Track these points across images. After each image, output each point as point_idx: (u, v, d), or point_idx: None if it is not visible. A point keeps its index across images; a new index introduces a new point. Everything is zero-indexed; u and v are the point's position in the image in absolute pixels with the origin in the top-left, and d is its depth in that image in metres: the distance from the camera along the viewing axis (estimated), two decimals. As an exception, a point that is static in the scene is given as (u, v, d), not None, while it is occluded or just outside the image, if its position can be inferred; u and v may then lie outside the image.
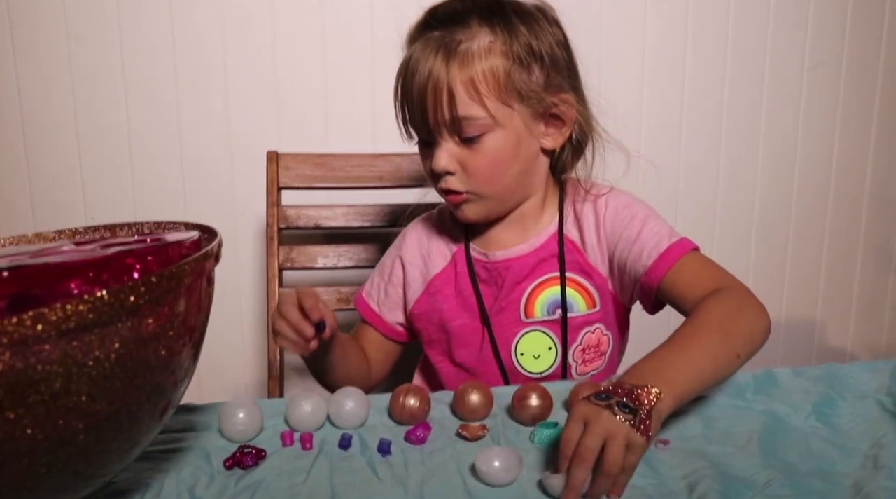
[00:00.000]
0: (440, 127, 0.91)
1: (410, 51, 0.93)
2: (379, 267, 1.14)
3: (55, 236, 0.75)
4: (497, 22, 0.91)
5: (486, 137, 0.91)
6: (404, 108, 0.94)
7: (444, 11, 0.93)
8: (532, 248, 1.01)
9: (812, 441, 0.73)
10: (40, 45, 1.46)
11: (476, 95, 0.89)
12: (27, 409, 0.47)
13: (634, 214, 0.99)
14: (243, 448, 0.72)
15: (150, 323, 0.52)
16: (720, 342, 0.78)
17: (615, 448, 0.62)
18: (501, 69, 0.90)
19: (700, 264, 0.94)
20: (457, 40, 0.90)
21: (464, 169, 0.93)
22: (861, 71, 1.81)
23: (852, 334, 1.98)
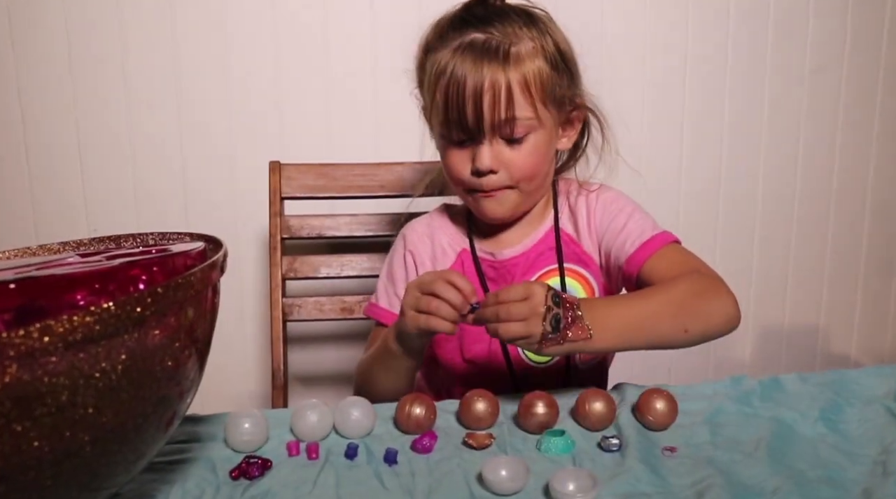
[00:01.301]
0: (490, 128, 0.93)
1: (452, 55, 0.93)
2: (387, 272, 1.12)
3: (59, 248, 0.75)
4: (531, 25, 0.95)
5: (530, 137, 0.95)
6: (447, 110, 0.94)
7: (482, 12, 0.95)
8: (533, 242, 1.05)
9: (820, 448, 0.73)
10: (42, 54, 1.46)
11: (528, 96, 0.93)
12: (34, 421, 0.47)
13: (622, 207, 1.05)
14: (249, 459, 0.72)
15: (156, 334, 0.52)
16: (672, 313, 0.86)
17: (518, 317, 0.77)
18: (545, 72, 0.94)
19: (679, 254, 1.00)
20: (507, 42, 0.92)
21: (506, 167, 0.95)
22: (862, 76, 1.81)
23: (856, 341, 1.97)
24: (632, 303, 0.89)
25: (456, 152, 0.97)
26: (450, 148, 0.98)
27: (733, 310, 0.92)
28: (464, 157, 0.96)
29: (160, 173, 1.53)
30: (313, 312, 1.33)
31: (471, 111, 0.92)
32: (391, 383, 0.98)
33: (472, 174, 0.96)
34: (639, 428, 0.78)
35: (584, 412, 0.79)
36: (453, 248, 1.08)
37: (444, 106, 0.94)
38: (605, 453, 0.74)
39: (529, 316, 0.78)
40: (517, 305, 0.78)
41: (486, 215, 1.01)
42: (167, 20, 1.47)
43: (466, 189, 0.99)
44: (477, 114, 0.92)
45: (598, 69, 1.63)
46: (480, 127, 0.93)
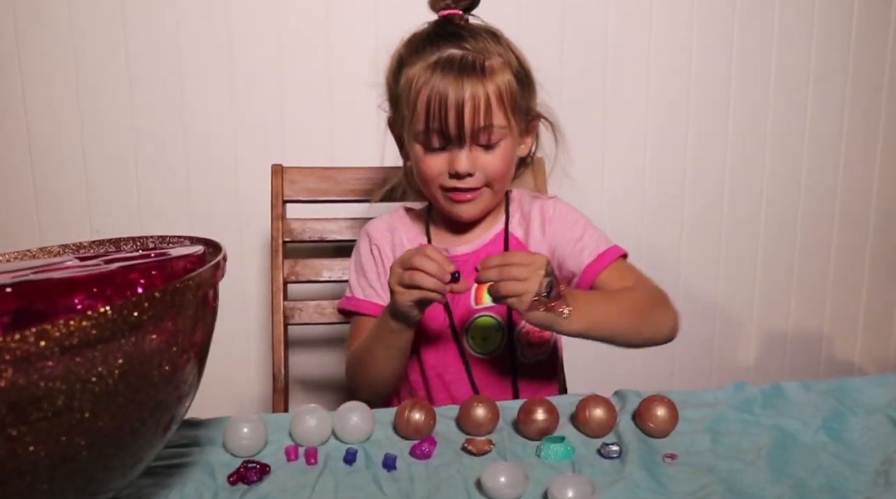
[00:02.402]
0: (469, 135, 1.00)
1: (430, 69, 0.99)
2: (356, 267, 1.18)
3: (59, 251, 0.75)
4: (497, 42, 1.03)
5: (502, 143, 1.03)
6: (429, 119, 1.00)
7: (452, 29, 1.02)
8: (483, 243, 1.13)
9: (822, 457, 0.73)
10: (46, 57, 1.46)
11: (502, 106, 1.01)
12: (29, 426, 0.46)
13: (577, 219, 1.13)
14: (247, 463, 0.71)
15: (153, 339, 0.52)
16: (632, 317, 1.01)
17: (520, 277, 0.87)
18: (513, 84, 1.02)
19: (629, 268, 1.10)
20: (481, 57, 1.00)
21: (482, 170, 1.03)
22: (866, 83, 1.80)
23: (860, 348, 1.97)
24: (604, 300, 1.01)
25: (433, 158, 1.04)
26: (428, 154, 1.04)
27: (676, 324, 1.06)
28: (441, 161, 1.03)
29: (163, 176, 1.53)
30: (314, 315, 1.33)
31: (453, 120, 0.99)
32: (391, 360, 1.04)
33: (450, 177, 1.03)
34: (639, 435, 0.78)
35: (584, 419, 0.78)
36: (412, 243, 1.14)
37: (426, 115, 1.00)
38: (604, 460, 0.73)
39: (529, 276, 0.87)
40: (519, 267, 0.88)
41: (460, 216, 1.09)
42: (171, 25, 1.48)
43: (443, 190, 1.06)
44: (458, 123, 0.99)
45: (601, 78, 1.65)
46: (461, 134, 1.00)
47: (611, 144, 1.70)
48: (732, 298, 1.85)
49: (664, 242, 1.78)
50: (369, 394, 1.07)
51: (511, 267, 0.88)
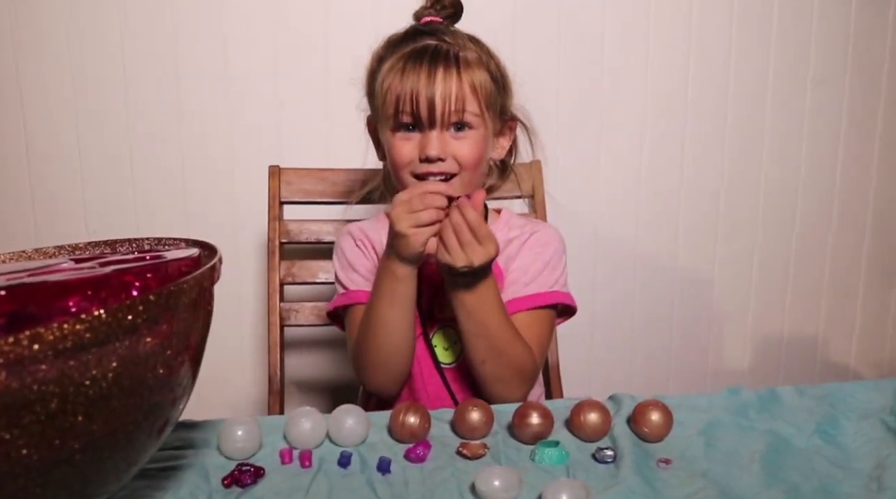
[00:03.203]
0: (442, 116, 1.00)
1: (404, 57, 1.01)
2: (342, 264, 1.16)
3: (55, 252, 0.75)
4: (477, 44, 1.05)
5: (473, 132, 1.03)
6: (400, 102, 1.00)
7: (431, 27, 1.04)
8: None
9: (815, 461, 0.73)
10: (43, 59, 1.46)
11: (475, 95, 1.02)
12: (23, 429, 0.46)
13: (544, 251, 1.11)
14: (242, 466, 0.71)
15: (148, 342, 0.52)
16: (496, 348, 0.99)
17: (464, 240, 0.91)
18: (487, 80, 1.03)
19: (542, 325, 1.09)
20: (456, 48, 1.02)
21: (453, 155, 1.02)
22: (864, 88, 1.81)
23: (855, 351, 1.97)
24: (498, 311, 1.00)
25: (404, 142, 1.04)
26: (399, 139, 1.04)
27: (511, 398, 1.00)
28: (411, 145, 1.03)
29: (159, 176, 1.53)
30: (311, 317, 1.33)
31: (424, 105, 0.99)
32: (402, 318, 1.02)
33: (421, 161, 1.02)
34: (634, 439, 0.78)
35: (579, 423, 0.78)
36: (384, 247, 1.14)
37: (397, 98, 1.00)
38: (599, 465, 0.73)
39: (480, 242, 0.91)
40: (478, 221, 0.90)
41: None
42: (168, 26, 1.48)
43: (415, 176, 1.04)
44: (430, 107, 0.99)
45: (598, 79, 1.65)
46: (432, 118, 1.00)
47: (607, 147, 1.71)
48: (728, 301, 1.86)
49: (660, 246, 1.78)
50: (384, 374, 1.05)
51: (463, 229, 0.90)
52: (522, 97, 1.12)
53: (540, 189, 1.35)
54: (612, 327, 1.80)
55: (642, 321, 1.82)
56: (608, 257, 1.75)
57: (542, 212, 1.35)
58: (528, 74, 1.11)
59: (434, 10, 1.05)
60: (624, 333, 1.82)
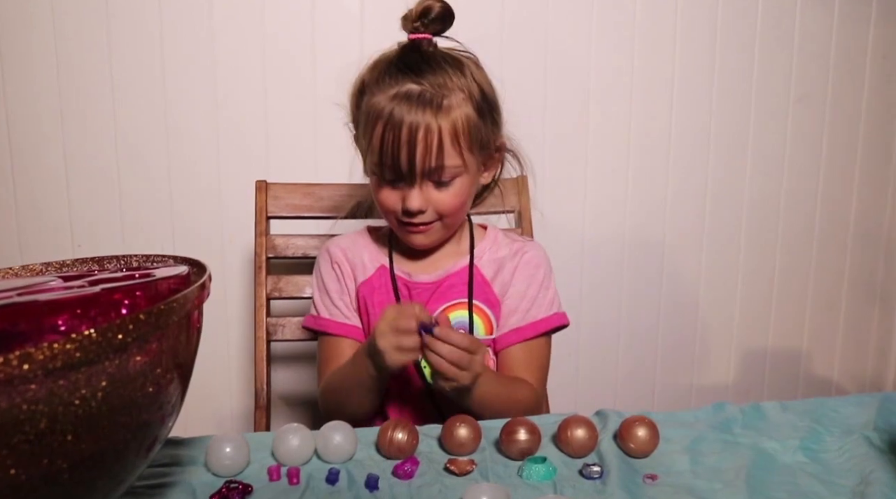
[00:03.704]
0: (420, 173, 1.00)
1: (389, 102, 0.99)
2: (319, 286, 1.18)
3: (42, 269, 0.75)
4: (460, 72, 1.02)
5: (456, 181, 1.03)
6: (382, 154, 1.00)
7: (416, 58, 1.01)
8: (446, 274, 1.13)
9: (799, 477, 0.74)
10: (29, 73, 1.46)
11: (457, 146, 1.00)
12: (11, 449, 0.46)
13: (535, 274, 1.13)
14: (230, 483, 0.71)
15: (137, 360, 0.52)
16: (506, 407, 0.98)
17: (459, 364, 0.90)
18: (472, 120, 1.02)
19: (538, 354, 1.12)
20: (439, 95, 0.99)
21: (434, 206, 1.04)
22: (845, 104, 1.83)
23: (838, 365, 1.99)
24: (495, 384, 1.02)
25: (388, 191, 1.04)
26: (383, 186, 1.05)
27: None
28: (395, 196, 1.04)
29: (146, 191, 1.53)
30: (297, 332, 1.32)
31: (405, 158, 0.99)
32: (371, 399, 1.05)
33: (402, 213, 1.04)
34: (620, 455, 0.78)
35: (565, 439, 0.79)
36: (373, 263, 1.15)
37: (380, 150, 1.00)
38: (586, 481, 0.74)
39: (467, 368, 0.91)
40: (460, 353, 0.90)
41: (413, 245, 1.10)
42: (155, 41, 1.48)
43: (398, 222, 1.07)
44: (410, 160, 0.99)
45: (585, 98, 1.66)
46: (412, 172, 1.00)
47: (592, 164, 1.72)
48: (713, 316, 1.87)
49: (645, 262, 1.79)
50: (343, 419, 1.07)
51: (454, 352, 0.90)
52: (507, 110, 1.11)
53: (526, 205, 1.36)
54: (597, 341, 1.81)
55: (627, 336, 1.83)
56: (593, 272, 1.76)
57: (529, 227, 1.36)
58: (514, 87, 1.12)
59: (422, 24, 1.02)
60: (609, 347, 1.83)
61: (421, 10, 1.02)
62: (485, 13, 1.59)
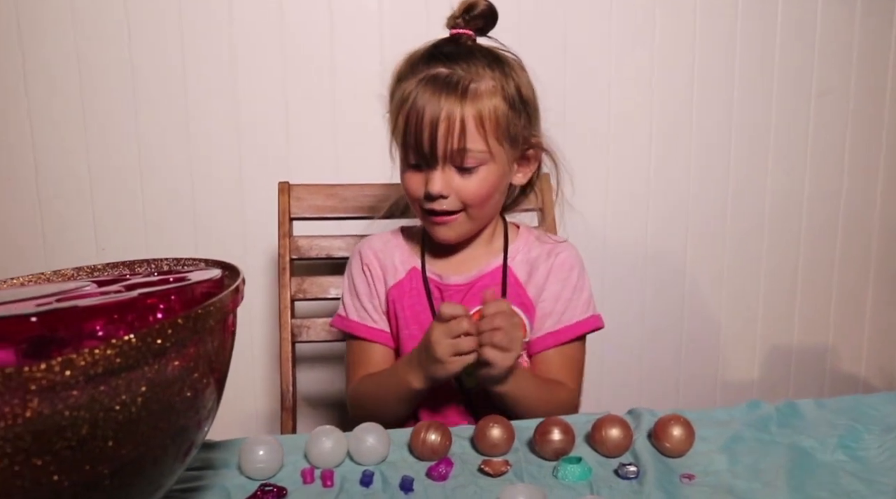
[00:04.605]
0: (443, 155, 0.99)
1: (416, 85, 0.99)
2: (349, 287, 1.16)
3: (73, 274, 0.75)
4: (496, 66, 1.02)
5: (481, 168, 1.01)
6: (406, 135, 1.00)
7: (449, 50, 1.01)
8: (479, 274, 1.11)
9: (840, 476, 0.72)
10: (52, 76, 1.46)
11: (482, 131, 0.99)
12: (54, 455, 0.46)
13: (569, 276, 1.12)
14: (264, 486, 0.71)
15: (175, 365, 0.52)
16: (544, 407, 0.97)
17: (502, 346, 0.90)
18: (501, 111, 1.00)
19: (576, 360, 1.11)
20: (467, 79, 0.98)
21: (456, 193, 1.02)
22: (869, 97, 1.81)
23: (865, 360, 1.97)
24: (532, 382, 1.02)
25: (413, 175, 1.04)
26: (408, 170, 1.05)
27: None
28: (419, 179, 1.03)
29: (168, 194, 1.53)
30: (322, 333, 1.32)
31: (427, 138, 0.98)
32: (404, 409, 1.04)
33: (424, 198, 1.03)
34: (656, 455, 0.77)
35: (600, 439, 0.78)
36: (404, 265, 1.14)
37: (404, 131, 1.01)
38: (622, 481, 0.73)
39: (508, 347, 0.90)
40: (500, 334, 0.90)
41: (438, 237, 1.08)
42: (176, 43, 1.48)
43: (422, 210, 1.06)
44: (432, 141, 0.98)
45: (605, 92, 1.65)
46: (434, 154, 0.99)
47: (614, 160, 1.71)
48: (736, 311, 1.85)
49: (668, 257, 1.78)
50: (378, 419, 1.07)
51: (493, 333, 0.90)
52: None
53: (549, 203, 1.35)
54: (621, 337, 1.80)
55: (651, 332, 1.81)
56: (616, 268, 1.75)
57: (552, 226, 1.35)
58: (534, 82, 1.11)
59: (463, 20, 1.02)
60: (632, 343, 1.81)
61: (465, 7, 1.02)
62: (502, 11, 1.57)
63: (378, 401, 1.05)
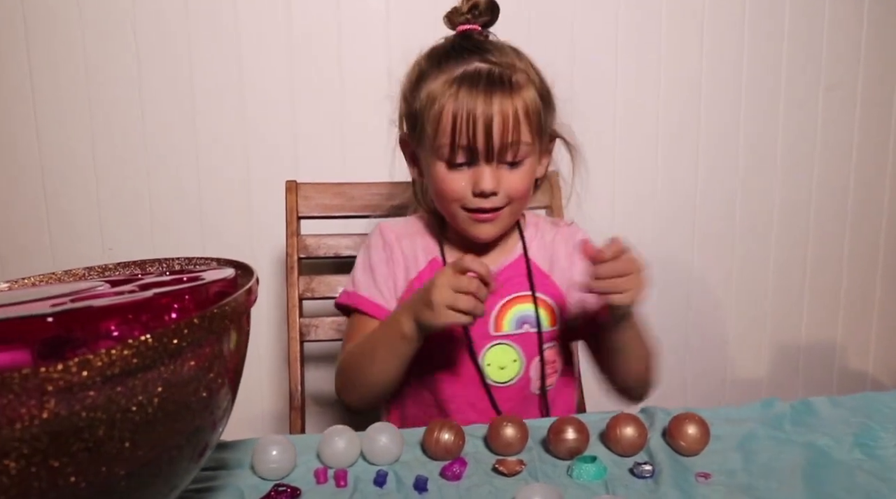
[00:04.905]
0: (498, 148, 0.97)
1: (454, 83, 0.97)
2: (365, 263, 1.13)
3: (84, 273, 0.74)
4: (521, 57, 1.02)
5: (526, 161, 1.01)
6: (455, 134, 0.97)
7: (474, 44, 1.00)
8: (500, 267, 1.09)
9: (858, 475, 0.72)
10: (58, 76, 1.46)
11: (528, 122, 0.98)
12: (71, 457, 0.45)
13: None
14: (278, 486, 0.70)
15: (191, 365, 0.51)
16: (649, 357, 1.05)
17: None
18: (537, 101, 1.00)
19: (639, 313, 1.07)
20: (508, 72, 0.98)
21: (504, 188, 1.00)
22: (877, 93, 1.80)
23: (873, 358, 1.96)
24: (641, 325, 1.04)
25: (456, 175, 1.01)
26: (451, 171, 1.01)
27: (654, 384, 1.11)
28: (464, 179, 1.00)
29: (175, 193, 1.53)
30: (330, 332, 1.32)
31: (481, 136, 0.96)
32: (395, 367, 0.99)
33: (474, 195, 1.00)
34: (671, 453, 0.77)
35: (614, 437, 0.77)
36: (425, 255, 1.11)
37: (452, 131, 0.97)
38: (638, 480, 0.72)
39: (635, 287, 0.94)
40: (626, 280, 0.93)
41: (478, 237, 1.05)
42: (183, 42, 1.48)
43: (465, 209, 1.02)
44: (487, 139, 0.96)
45: (612, 87, 1.65)
46: (489, 150, 0.97)
47: (621, 156, 1.70)
48: (744, 309, 1.85)
49: (676, 254, 1.77)
50: (359, 397, 1.05)
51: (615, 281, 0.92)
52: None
53: (558, 200, 1.35)
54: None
55: (658, 329, 1.79)
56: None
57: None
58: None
59: (471, 16, 1.02)
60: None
61: (472, 4, 1.02)
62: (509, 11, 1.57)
63: (367, 356, 1.01)
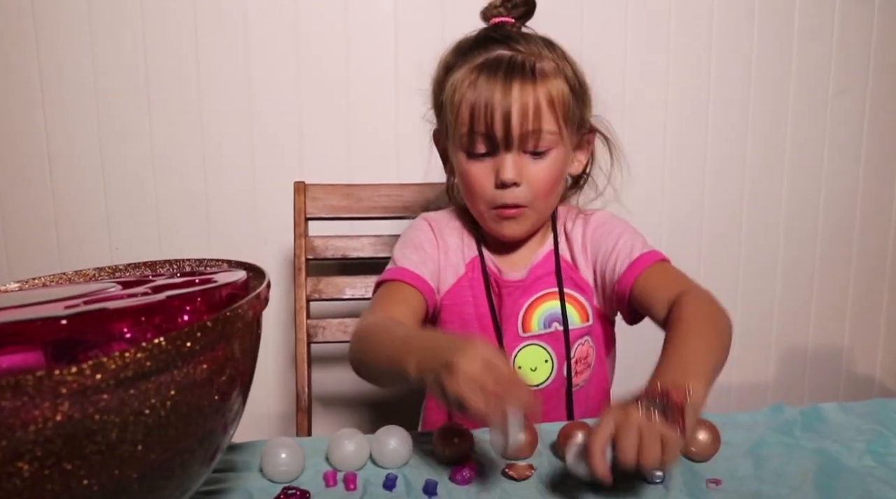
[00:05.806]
0: (517, 139, 0.94)
1: (476, 70, 0.95)
2: (413, 244, 1.07)
3: (95, 274, 0.74)
4: (553, 48, 0.99)
5: (552, 152, 0.97)
6: (474, 122, 0.94)
7: (502, 34, 0.98)
8: (532, 265, 1.06)
9: (869, 482, 0.71)
10: (67, 79, 1.46)
11: (553, 112, 0.95)
12: (84, 460, 0.46)
13: (612, 228, 1.06)
14: (287, 490, 0.70)
15: (204, 368, 0.51)
16: (716, 335, 0.85)
17: (650, 441, 0.63)
18: (566, 92, 0.97)
19: (667, 273, 1.01)
20: (531, 59, 0.95)
21: (528, 181, 0.97)
22: (886, 97, 1.79)
23: (881, 363, 1.95)
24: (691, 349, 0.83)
25: (478, 166, 0.98)
26: (472, 162, 0.98)
27: (731, 320, 0.91)
28: (487, 169, 0.97)
29: (181, 194, 1.53)
30: (338, 333, 1.32)
31: (500, 123, 0.93)
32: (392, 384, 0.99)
33: (495, 187, 0.97)
34: (681, 459, 0.77)
35: (624, 443, 0.77)
36: (465, 254, 1.08)
37: (470, 118, 0.95)
38: (648, 485, 0.72)
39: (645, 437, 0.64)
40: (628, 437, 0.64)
41: (503, 235, 1.03)
42: (190, 43, 1.48)
43: (488, 205, 1.00)
44: (505, 125, 0.93)
45: (620, 95, 1.64)
46: (508, 138, 0.94)
47: (629, 158, 1.69)
48: (751, 313, 1.84)
49: (683, 257, 1.76)
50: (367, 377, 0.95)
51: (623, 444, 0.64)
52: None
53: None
54: (636, 338, 1.78)
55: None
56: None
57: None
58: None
59: (504, 9, 0.99)
60: (647, 344, 1.79)
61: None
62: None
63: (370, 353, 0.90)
